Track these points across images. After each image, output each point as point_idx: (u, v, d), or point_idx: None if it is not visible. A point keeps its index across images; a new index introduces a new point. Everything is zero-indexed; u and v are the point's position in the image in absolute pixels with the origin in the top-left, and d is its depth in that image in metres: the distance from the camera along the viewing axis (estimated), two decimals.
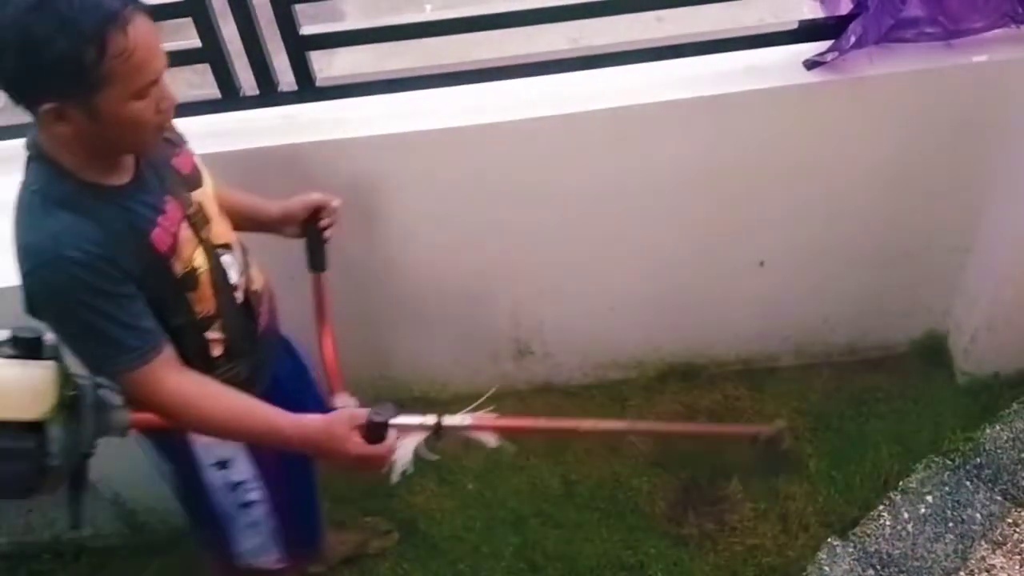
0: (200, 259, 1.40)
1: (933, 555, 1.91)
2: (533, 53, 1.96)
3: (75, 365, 1.34)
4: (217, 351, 1.47)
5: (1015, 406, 2.16)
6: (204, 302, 1.42)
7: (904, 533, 1.95)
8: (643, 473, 2.25)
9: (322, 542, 1.95)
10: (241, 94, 1.96)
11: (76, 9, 1.12)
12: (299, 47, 1.89)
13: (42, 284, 1.26)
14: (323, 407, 1.65)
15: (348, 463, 1.40)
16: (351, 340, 2.33)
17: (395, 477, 1.48)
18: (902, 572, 1.88)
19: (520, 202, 2.06)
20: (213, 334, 1.45)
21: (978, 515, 1.97)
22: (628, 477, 2.25)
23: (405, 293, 2.24)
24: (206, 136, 1.95)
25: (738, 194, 2.07)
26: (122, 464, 2.06)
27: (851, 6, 1.86)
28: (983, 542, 1.92)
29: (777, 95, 1.89)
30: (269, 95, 1.96)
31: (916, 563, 1.90)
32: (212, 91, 1.97)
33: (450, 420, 1.59)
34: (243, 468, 1.59)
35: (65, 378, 1.33)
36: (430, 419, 1.56)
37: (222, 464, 1.58)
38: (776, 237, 2.18)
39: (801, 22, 1.93)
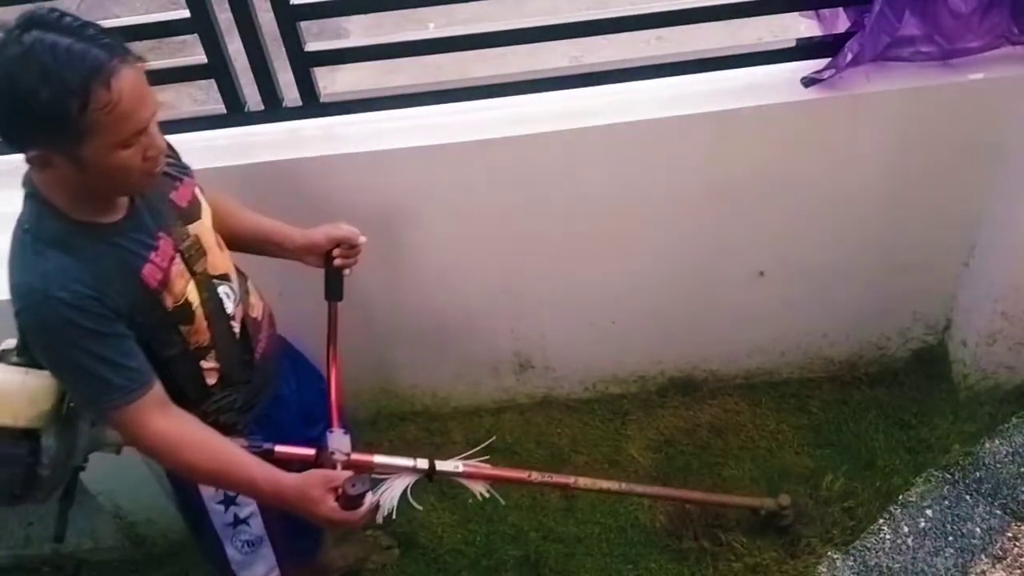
0: (193, 292, 1.40)
1: (933, 569, 1.91)
2: (534, 70, 1.99)
3: None
4: (212, 380, 1.47)
5: (1015, 420, 2.16)
6: (198, 333, 1.42)
7: (904, 547, 1.95)
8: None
9: (321, 555, 1.95)
10: (246, 109, 1.99)
11: (61, 61, 1.13)
12: (304, 63, 1.92)
13: (32, 322, 1.28)
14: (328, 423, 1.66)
15: (319, 523, 1.41)
16: (352, 353, 2.34)
17: (379, 519, 1.50)
18: None
19: (521, 217, 2.08)
20: (208, 363, 1.46)
21: (978, 529, 1.97)
22: None
23: (406, 307, 2.25)
24: (211, 151, 1.99)
25: (737, 209, 2.09)
26: (123, 477, 2.08)
27: (848, 24, 1.89)
28: (983, 556, 1.92)
29: (775, 112, 1.91)
30: (274, 110, 1.99)
31: None
32: (218, 106, 2.00)
33: (443, 465, 1.59)
34: None
35: (63, 391, 1.37)
36: (422, 463, 1.57)
37: None
38: (775, 252, 2.20)
39: (799, 40, 1.96)
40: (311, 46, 1.91)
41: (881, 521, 2.00)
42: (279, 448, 1.49)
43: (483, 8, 1.96)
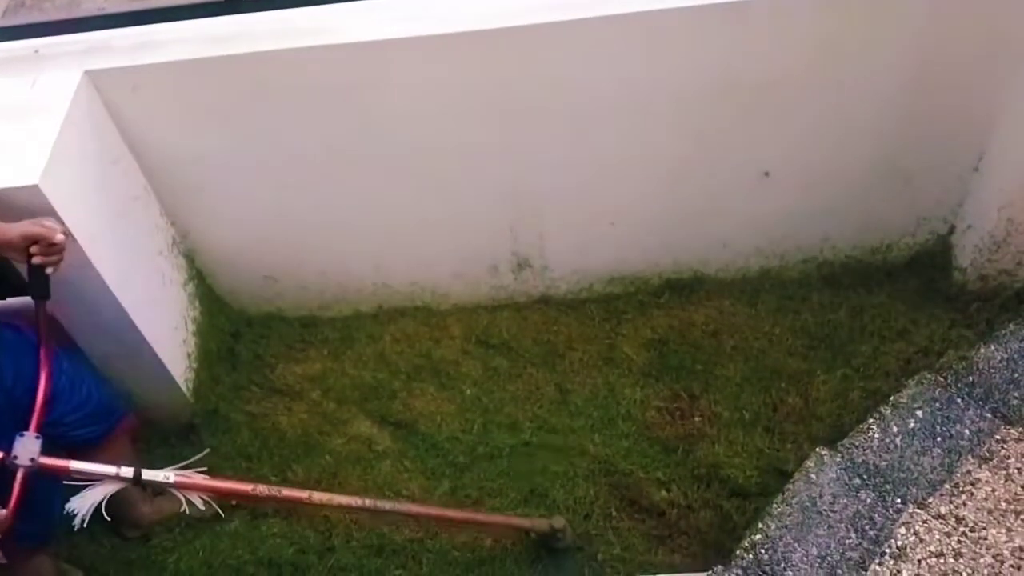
0: None
1: (919, 468, 1.86)
2: None
3: None
4: None
5: (1011, 327, 2.08)
6: None
7: (892, 446, 1.91)
8: (636, 382, 2.22)
9: (50, 538, 1.89)
10: None
11: None
12: None
13: None
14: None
15: None
16: (352, 249, 2.32)
17: (76, 525, 1.44)
18: (888, 483, 1.84)
19: (522, 113, 1.97)
20: None
21: (967, 431, 1.92)
22: (622, 386, 2.22)
23: (405, 202, 2.19)
24: (206, 40, 1.91)
25: (745, 106, 1.97)
26: None
27: None
28: (969, 457, 1.87)
29: (790, 4, 1.78)
30: None
31: (902, 475, 1.85)
32: None
33: (151, 475, 1.49)
34: None
35: None
36: (127, 471, 1.48)
37: None
38: (782, 152, 2.08)
39: None
40: None
41: (871, 421, 1.95)
42: None
43: None
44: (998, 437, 1.91)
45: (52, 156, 1.72)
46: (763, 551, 1.75)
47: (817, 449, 1.93)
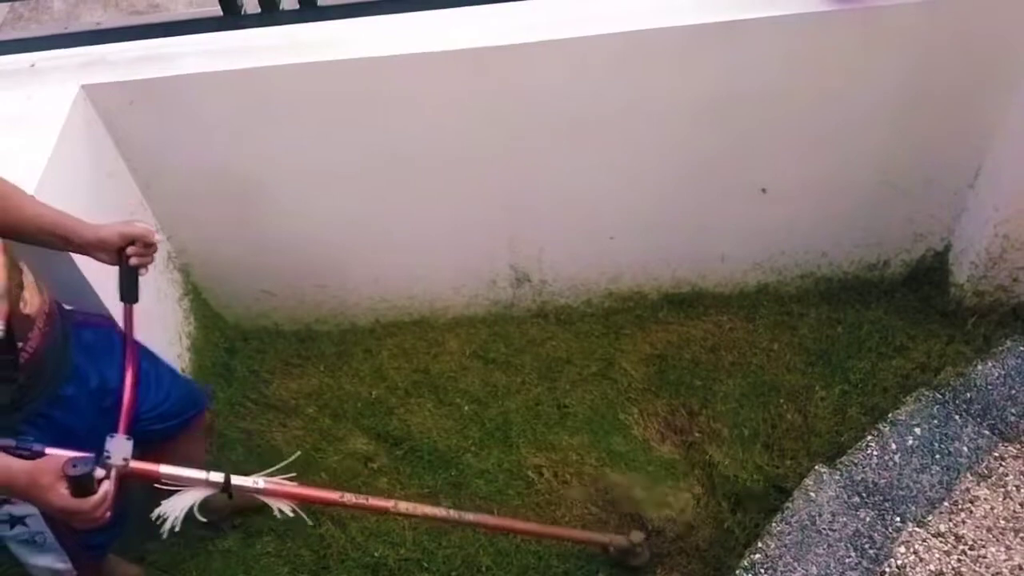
0: None
1: (918, 485, 1.86)
2: None
3: None
4: None
5: (1008, 343, 2.08)
6: None
7: (891, 463, 1.90)
8: (636, 399, 2.20)
9: (108, 551, 1.85)
10: (243, 12, 1.89)
11: None
12: None
13: None
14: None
15: (54, 513, 1.30)
16: (350, 263, 2.30)
17: (164, 532, 1.41)
18: (887, 501, 1.83)
19: (523, 127, 1.96)
20: None
21: (965, 448, 1.91)
22: (621, 403, 2.20)
23: (403, 215, 2.18)
24: (207, 55, 1.90)
25: (745, 122, 1.97)
26: None
27: None
28: (968, 474, 1.87)
29: (790, 24, 1.78)
30: (271, 14, 1.88)
31: (901, 492, 1.85)
32: (214, 8, 1.89)
33: (240, 481, 1.45)
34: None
35: None
36: (216, 476, 1.43)
37: None
38: (779, 169, 2.08)
39: None
40: None
41: (869, 438, 1.94)
42: (50, 450, 1.35)
43: None
44: (996, 454, 1.91)
45: (47, 169, 1.70)
46: (763, 571, 1.73)
47: (816, 467, 1.92)
